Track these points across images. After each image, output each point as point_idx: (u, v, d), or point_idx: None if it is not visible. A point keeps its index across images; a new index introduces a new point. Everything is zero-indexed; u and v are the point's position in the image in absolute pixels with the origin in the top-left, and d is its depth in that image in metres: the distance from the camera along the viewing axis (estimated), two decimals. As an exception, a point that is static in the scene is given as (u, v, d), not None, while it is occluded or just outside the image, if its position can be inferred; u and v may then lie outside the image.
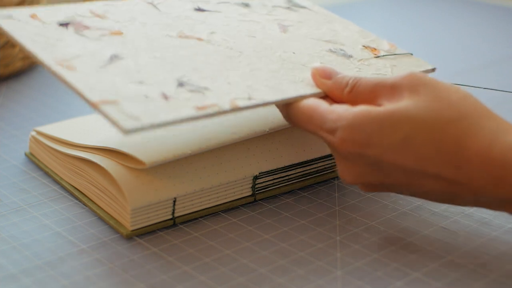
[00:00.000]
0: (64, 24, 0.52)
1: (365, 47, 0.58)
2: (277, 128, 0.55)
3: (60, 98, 0.76)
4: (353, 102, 0.49)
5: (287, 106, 0.50)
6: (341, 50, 0.56)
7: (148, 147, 0.52)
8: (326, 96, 0.51)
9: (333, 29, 0.60)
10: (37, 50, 0.49)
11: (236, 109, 0.48)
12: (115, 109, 0.45)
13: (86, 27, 0.52)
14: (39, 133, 0.60)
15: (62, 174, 0.57)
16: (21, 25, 0.51)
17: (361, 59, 0.56)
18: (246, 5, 0.61)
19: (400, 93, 0.47)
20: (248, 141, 0.55)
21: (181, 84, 0.48)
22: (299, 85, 0.51)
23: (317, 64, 0.53)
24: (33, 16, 0.52)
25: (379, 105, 0.48)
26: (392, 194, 0.56)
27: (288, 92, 0.50)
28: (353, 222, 0.52)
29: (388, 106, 0.46)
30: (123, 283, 0.45)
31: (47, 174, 0.59)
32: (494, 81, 0.84)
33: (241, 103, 0.48)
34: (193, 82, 0.49)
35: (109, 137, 0.55)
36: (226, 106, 0.47)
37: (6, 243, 0.49)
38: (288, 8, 0.63)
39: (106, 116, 0.44)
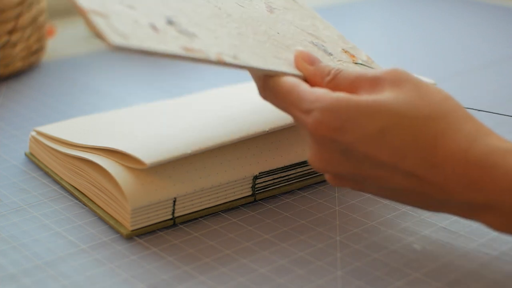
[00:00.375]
0: None
1: (345, 51, 0.57)
2: (277, 128, 0.55)
3: (60, 98, 0.76)
4: (333, 91, 0.48)
5: (266, 78, 0.49)
6: (323, 46, 0.56)
7: (148, 147, 0.52)
8: (306, 81, 0.50)
9: (316, 25, 0.60)
10: None
11: (221, 63, 0.46)
12: (105, 22, 0.43)
13: None
14: (39, 133, 0.60)
15: (62, 174, 0.57)
16: None
17: (340, 60, 0.55)
18: None
19: (382, 86, 0.46)
20: (248, 141, 0.55)
21: (170, 22, 0.47)
22: (282, 62, 0.51)
23: (301, 48, 0.52)
24: None
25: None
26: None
27: (272, 64, 0.49)
28: (353, 222, 0.52)
29: (368, 97, 0.45)
30: (123, 283, 0.45)
31: (47, 174, 0.59)
32: (494, 81, 0.84)
33: (226, 59, 0.47)
34: (181, 25, 0.48)
35: (109, 137, 0.55)
36: (213, 57, 0.46)
37: (6, 243, 0.49)
38: None
39: (94, 27, 0.43)
